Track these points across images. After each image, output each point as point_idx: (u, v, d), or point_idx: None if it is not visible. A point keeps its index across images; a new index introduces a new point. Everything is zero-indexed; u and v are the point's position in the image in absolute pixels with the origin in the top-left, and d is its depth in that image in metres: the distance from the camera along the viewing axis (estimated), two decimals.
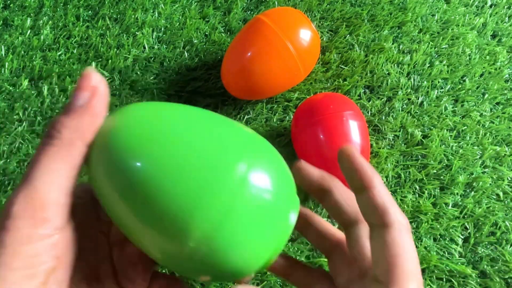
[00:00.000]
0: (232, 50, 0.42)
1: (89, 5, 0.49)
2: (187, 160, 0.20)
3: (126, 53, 0.46)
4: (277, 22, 0.40)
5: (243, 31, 0.42)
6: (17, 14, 0.48)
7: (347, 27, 0.47)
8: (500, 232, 0.39)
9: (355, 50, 0.46)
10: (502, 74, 0.46)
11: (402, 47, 0.47)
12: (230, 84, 0.42)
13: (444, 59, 0.46)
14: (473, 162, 0.42)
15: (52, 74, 0.45)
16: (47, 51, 0.46)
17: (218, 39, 0.47)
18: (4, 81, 0.45)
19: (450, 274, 0.38)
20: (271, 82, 0.41)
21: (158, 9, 0.49)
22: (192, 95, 0.45)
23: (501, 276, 0.38)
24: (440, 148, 0.42)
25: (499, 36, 0.48)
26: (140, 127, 0.21)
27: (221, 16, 0.48)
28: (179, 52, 0.47)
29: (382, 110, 0.44)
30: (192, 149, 0.20)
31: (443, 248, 0.39)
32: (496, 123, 0.44)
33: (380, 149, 0.42)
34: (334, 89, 0.45)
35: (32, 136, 0.43)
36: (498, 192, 0.41)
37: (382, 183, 0.23)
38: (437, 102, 0.44)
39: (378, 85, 0.45)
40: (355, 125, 0.37)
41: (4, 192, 0.41)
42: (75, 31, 0.47)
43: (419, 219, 0.40)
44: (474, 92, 0.45)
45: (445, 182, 0.41)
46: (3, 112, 0.44)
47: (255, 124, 0.43)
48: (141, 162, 0.20)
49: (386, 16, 0.48)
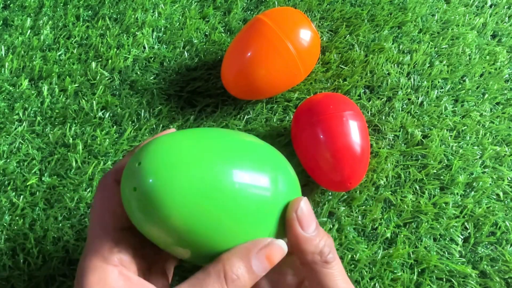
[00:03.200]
0: (232, 50, 0.42)
1: (89, 5, 0.49)
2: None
3: (126, 53, 0.46)
4: (277, 22, 0.40)
5: (243, 31, 0.42)
6: (17, 14, 0.48)
7: (347, 27, 0.47)
8: (500, 232, 0.39)
9: (355, 50, 0.46)
10: (502, 74, 0.46)
11: (402, 47, 0.47)
12: (230, 84, 0.42)
13: (444, 59, 0.46)
14: (473, 162, 0.42)
15: (52, 74, 0.45)
16: (47, 51, 0.46)
17: (218, 39, 0.47)
18: (4, 81, 0.45)
19: (450, 274, 0.38)
20: (271, 82, 0.41)
21: (158, 9, 0.49)
22: (192, 95, 0.45)
23: (501, 276, 0.38)
24: (440, 148, 0.42)
25: (499, 36, 0.48)
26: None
27: (221, 16, 0.48)
28: (179, 52, 0.47)
29: (382, 110, 0.44)
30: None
31: (443, 248, 0.39)
32: (496, 123, 0.44)
33: (380, 149, 0.42)
34: (334, 89, 0.45)
35: (32, 136, 0.43)
36: (498, 192, 0.41)
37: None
38: (437, 102, 0.44)
39: (378, 85, 0.45)
40: (355, 125, 0.37)
41: (4, 192, 0.41)
42: (75, 31, 0.47)
43: (419, 219, 0.40)
44: (474, 92, 0.45)
45: (445, 182, 0.41)
46: (3, 112, 0.44)
47: (255, 124, 0.43)
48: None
49: (386, 16, 0.48)
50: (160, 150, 0.22)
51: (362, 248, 0.39)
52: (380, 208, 0.40)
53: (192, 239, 0.22)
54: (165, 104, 0.44)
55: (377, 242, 0.39)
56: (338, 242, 0.39)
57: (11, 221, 0.40)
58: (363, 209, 0.40)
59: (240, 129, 0.43)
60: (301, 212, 0.25)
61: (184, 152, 0.22)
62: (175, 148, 0.22)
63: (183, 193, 0.21)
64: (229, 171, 0.22)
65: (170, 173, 0.21)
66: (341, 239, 0.39)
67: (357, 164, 0.37)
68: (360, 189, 0.41)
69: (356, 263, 0.38)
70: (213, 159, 0.22)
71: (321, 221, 0.39)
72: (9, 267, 0.38)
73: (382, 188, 0.41)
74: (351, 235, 0.39)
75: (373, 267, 0.38)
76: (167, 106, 0.44)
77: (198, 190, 0.21)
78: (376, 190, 0.41)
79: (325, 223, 0.39)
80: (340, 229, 0.39)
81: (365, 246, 0.39)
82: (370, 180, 0.41)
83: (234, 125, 0.43)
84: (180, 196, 0.21)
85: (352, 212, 0.40)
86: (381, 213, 0.40)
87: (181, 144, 0.22)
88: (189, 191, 0.21)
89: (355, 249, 0.39)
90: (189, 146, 0.22)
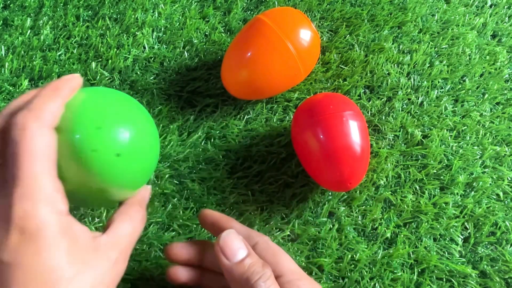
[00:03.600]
0: (232, 50, 0.42)
1: (89, 5, 0.49)
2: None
3: (126, 53, 0.46)
4: (277, 22, 0.40)
5: (243, 31, 0.42)
6: (17, 14, 0.48)
7: (347, 27, 0.47)
8: (500, 232, 0.39)
9: (355, 50, 0.46)
10: (502, 74, 0.46)
11: (402, 47, 0.47)
12: (230, 84, 0.42)
13: (444, 59, 0.46)
14: (473, 162, 0.42)
15: (52, 74, 0.45)
16: (47, 51, 0.46)
17: (218, 39, 0.47)
18: (4, 81, 0.45)
19: (450, 274, 0.38)
20: (271, 82, 0.41)
21: (158, 9, 0.49)
22: (192, 95, 0.45)
23: (501, 276, 0.38)
24: (440, 148, 0.42)
25: (499, 36, 0.48)
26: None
27: (221, 16, 0.48)
28: (179, 52, 0.47)
29: (382, 110, 0.44)
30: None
31: (443, 248, 0.39)
32: (496, 123, 0.44)
33: (380, 149, 0.42)
34: (334, 89, 0.45)
35: None
36: (498, 192, 0.41)
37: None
38: (437, 102, 0.44)
39: (378, 85, 0.45)
40: (355, 125, 0.37)
41: None
42: (75, 31, 0.47)
43: (419, 219, 0.40)
44: (474, 92, 0.45)
45: (445, 182, 0.41)
46: None
47: (255, 124, 0.43)
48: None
49: (386, 16, 0.48)
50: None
51: (362, 248, 0.39)
52: (380, 208, 0.40)
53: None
54: (165, 104, 0.44)
55: (377, 242, 0.39)
56: (338, 242, 0.39)
57: None
58: (363, 209, 0.40)
59: (240, 129, 0.43)
60: (223, 242, 0.29)
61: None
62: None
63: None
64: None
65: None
66: (341, 239, 0.39)
67: (357, 164, 0.37)
68: (360, 189, 0.41)
69: (356, 263, 0.38)
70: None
71: (321, 221, 0.40)
72: None
73: (382, 188, 0.41)
74: (351, 235, 0.39)
75: (373, 267, 0.38)
76: (167, 106, 0.44)
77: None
78: (376, 190, 0.41)
79: (325, 223, 0.39)
80: (340, 229, 0.39)
81: (365, 246, 0.39)
82: (370, 180, 0.41)
83: (234, 125, 0.43)
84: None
85: (352, 212, 0.40)
86: (381, 213, 0.40)
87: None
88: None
89: (355, 249, 0.39)
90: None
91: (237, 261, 0.28)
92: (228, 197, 0.40)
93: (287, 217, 0.40)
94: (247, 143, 0.43)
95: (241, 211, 0.40)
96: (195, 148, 0.42)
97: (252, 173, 0.41)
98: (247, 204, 0.40)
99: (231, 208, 0.40)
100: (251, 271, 0.27)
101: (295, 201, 0.40)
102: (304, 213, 0.40)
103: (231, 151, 0.42)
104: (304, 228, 0.39)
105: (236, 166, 0.42)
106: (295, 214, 0.40)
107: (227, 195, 0.41)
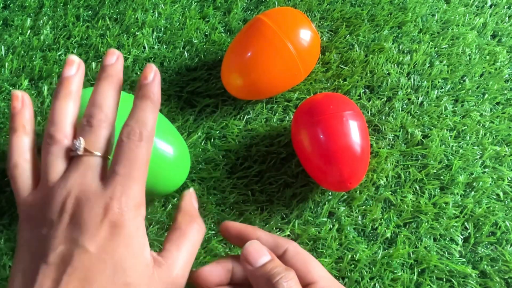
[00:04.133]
0: (232, 50, 0.42)
1: (89, 5, 0.49)
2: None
3: (126, 53, 0.46)
4: (277, 22, 0.40)
5: (243, 31, 0.42)
6: (17, 14, 0.48)
7: (347, 27, 0.47)
8: (500, 232, 0.39)
9: (355, 50, 0.46)
10: (502, 74, 0.46)
11: (402, 47, 0.47)
12: (230, 84, 0.42)
13: (444, 59, 0.46)
14: (473, 162, 0.42)
15: (52, 74, 0.45)
16: (47, 51, 0.46)
17: (218, 39, 0.47)
18: (4, 81, 0.45)
19: (450, 274, 0.38)
20: (271, 82, 0.41)
21: (158, 9, 0.49)
22: (192, 95, 0.45)
23: (501, 276, 0.38)
24: (440, 148, 0.42)
25: (499, 36, 0.48)
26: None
27: (221, 16, 0.48)
28: (179, 52, 0.47)
29: (382, 110, 0.44)
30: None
31: (443, 248, 0.39)
32: (496, 123, 0.44)
33: (380, 149, 0.42)
34: (334, 89, 0.45)
35: None
36: (498, 192, 0.41)
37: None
38: (437, 102, 0.44)
39: (378, 85, 0.45)
40: (355, 125, 0.37)
41: (3, 193, 0.41)
42: (75, 31, 0.47)
43: (419, 219, 0.40)
44: (474, 92, 0.45)
45: (445, 182, 0.41)
46: (3, 112, 0.44)
47: (255, 124, 0.43)
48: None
49: (386, 16, 0.48)
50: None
51: (362, 248, 0.39)
52: (380, 208, 0.40)
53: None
54: (165, 105, 0.44)
55: (377, 242, 0.39)
56: (338, 242, 0.39)
57: (11, 221, 0.40)
58: (363, 209, 0.40)
59: (240, 129, 0.43)
60: (246, 252, 0.29)
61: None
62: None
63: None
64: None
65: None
66: (341, 239, 0.39)
67: (357, 164, 0.37)
68: (360, 189, 0.41)
69: (356, 263, 0.38)
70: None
71: (321, 221, 0.40)
72: (9, 267, 0.38)
73: (382, 188, 0.41)
74: (351, 235, 0.39)
75: (373, 267, 0.38)
76: (167, 106, 0.44)
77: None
78: (376, 190, 0.41)
79: (325, 223, 0.39)
80: (340, 229, 0.39)
81: (365, 246, 0.39)
82: (370, 180, 0.41)
83: (234, 125, 0.43)
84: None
85: (352, 212, 0.40)
86: (381, 213, 0.40)
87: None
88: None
89: (355, 249, 0.39)
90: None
91: (260, 265, 0.28)
92: (228, 197, 0.40)
93: (287, 217, 0.40)
94: (247, 143, 0.43)
95: (241, 211, 0.40)
96: (195, 148, 0.42)
97: (252, 173, 0.41)
98: (247, 204, 0.40)
99: (231, 208, 0.40)
100: (273, 272, 0.27)
101: (295, 201, 0.40)
102: (304, 213, 0.40)
103: (231, 151, 0.42)
104: (304, 228, 0.39)
105: (236, 166, 0.42)
106: (295, 214, 0.40)
107: (227, 195, 0.41)
